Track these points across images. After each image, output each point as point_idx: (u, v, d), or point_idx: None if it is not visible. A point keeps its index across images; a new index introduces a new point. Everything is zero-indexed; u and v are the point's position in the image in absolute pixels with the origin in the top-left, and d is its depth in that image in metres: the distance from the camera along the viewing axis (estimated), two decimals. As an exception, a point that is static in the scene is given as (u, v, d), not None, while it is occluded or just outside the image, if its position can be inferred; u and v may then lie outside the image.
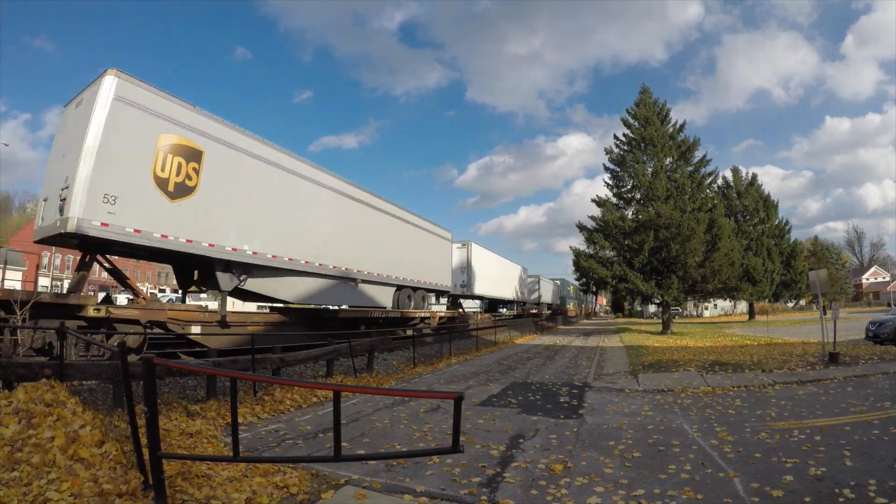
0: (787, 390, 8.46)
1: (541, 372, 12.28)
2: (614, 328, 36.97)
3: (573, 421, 6.62)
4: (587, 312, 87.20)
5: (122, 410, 5.17)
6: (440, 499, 3.84)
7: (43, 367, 5.43)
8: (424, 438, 5.70)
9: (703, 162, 29.09)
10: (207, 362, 7.86)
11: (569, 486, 4.07)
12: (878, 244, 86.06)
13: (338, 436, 2.88)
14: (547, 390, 9.26)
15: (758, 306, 44.44)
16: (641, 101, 29.69)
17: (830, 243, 71.77)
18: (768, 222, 41.48)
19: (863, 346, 14.72)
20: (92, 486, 3.35)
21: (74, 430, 4.07)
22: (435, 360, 14.38)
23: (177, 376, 8.69)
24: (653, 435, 5.72)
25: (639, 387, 9.40)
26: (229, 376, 3.38)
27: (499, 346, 20.75)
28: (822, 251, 62.10)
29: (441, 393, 3.79)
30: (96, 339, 7.73)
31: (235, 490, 3.69)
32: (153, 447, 3.15)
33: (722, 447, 5.11)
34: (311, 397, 7.90)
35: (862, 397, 7.45)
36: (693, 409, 7.22)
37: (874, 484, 3.85)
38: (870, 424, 5.75)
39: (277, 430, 6.01)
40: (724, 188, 41.67)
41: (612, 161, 29.86)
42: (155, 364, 3.23)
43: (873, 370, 9.91)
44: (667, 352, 15.52)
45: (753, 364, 11.43)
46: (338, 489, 3.92)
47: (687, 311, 66.42)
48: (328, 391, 7.82)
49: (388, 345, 15.05)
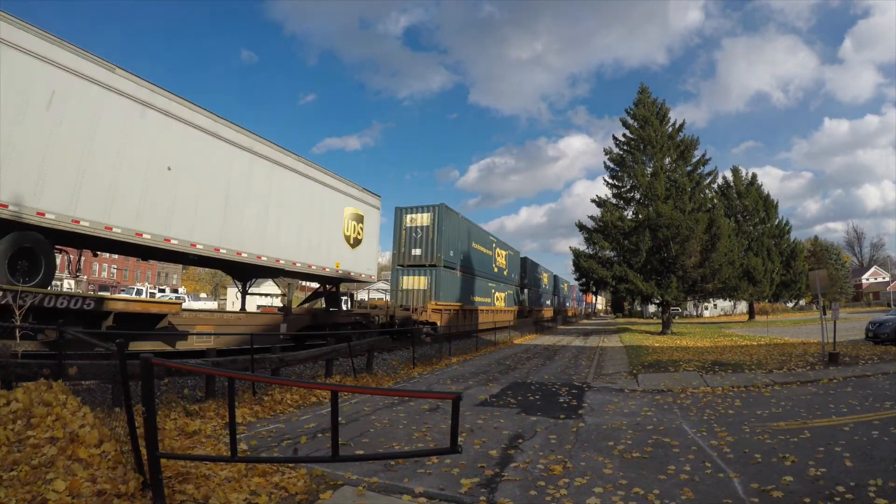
0: (786, 390, 8.45)
1: (540, 372, 12.27)
2: (614, 328, 36.96)
3: (573, 421, 6.61)
4: (586, 313, 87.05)
5: (120, 410, 5.16)
6: (439, 499, 3.83)
7: (42, 367, 5.43)
8: (423, 439, 5.69)
9: (701, 161, 29.11)
10: (206, 362, 7.86)
11: (568, 487, 4.07)
12: (878, 244, 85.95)
13: (336, 436, 2.88)
14: (546, 390, 9.25)
15: (758, 306, 44.44)
16: (640, 102, 29.67)
17: (830, 243, 71.69)
18: (768, 222, 41.45)
19: (863, 346, 14.71)
20: (90, 486, 3.35)
21: (73, 430, 4.06)
22: (434, 360, 14.37)
23: (176, 376, 8.70)
24: (652, 435, 5.71)
25: (638, 387, 9.39)
26: (227, 376, 3.38)
27: (499, 346, 20.77)
28: (823, 251, 62.11)
29: (439, 393, 3.78)
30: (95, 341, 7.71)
31: (234, 490, 3.68)
32: (151, 447, 3.14)
33: (721, 447, 5.10)
34: (311, 397, 7.90)
35: (862, 397, 7.44)
36: (693, 409, 7.22)
37: (874, 484, 3.84)
38: (870, 425, 5.74)
39: (276, 430, 6.00)
40: (725, 188, 41.65)
41: (611, 161, 29.86)
42: (153, 364, 3.22)
43: (873, 370, 9.91)
44: (666, 352, 15.51)
45: (753, 364, 11.42)
46: (336, 489, 3.91)
47: (687, 312, 66.43)
48: (327, 391, 7.82)
49: (388, 345, 15.03)
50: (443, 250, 21.72)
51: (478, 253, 27.63)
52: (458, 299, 23.55)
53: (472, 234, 26.44)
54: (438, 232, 21.71)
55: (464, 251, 25.10)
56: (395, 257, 22.96)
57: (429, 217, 21.99)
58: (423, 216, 22.16)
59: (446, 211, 22.55)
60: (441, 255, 21.64)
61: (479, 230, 28.63)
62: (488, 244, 30.27)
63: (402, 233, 22.31)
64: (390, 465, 4.59)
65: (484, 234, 29.75)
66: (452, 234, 23.07)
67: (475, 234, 27.37)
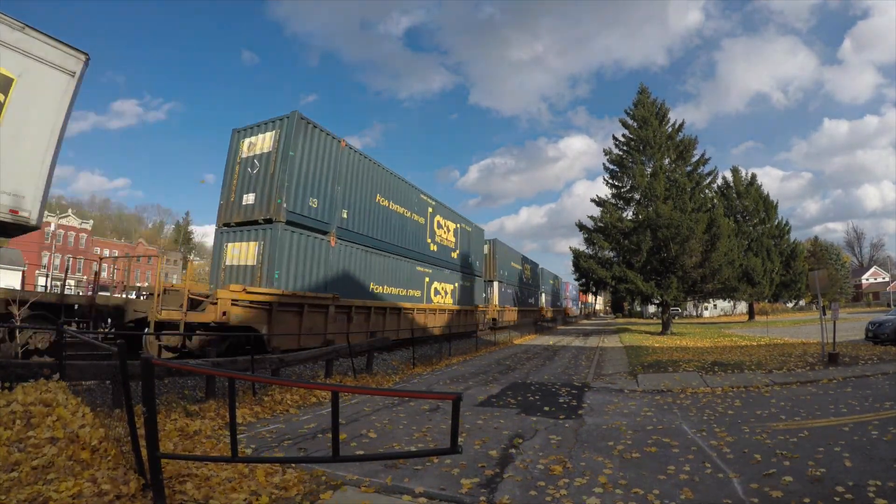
0: (786, 391, 8.46)
1: (540, 372, 12.28)
2: (614, 328, 36.97)
3: (572, 421, 6.62)
4: (586, 313, 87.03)
5: (121, 411, 5.17)
6: (439, 499, 3.83)
7: (42, 367, 5.43)
8: (424, 439, 5.70)
9: (701, 161, 29.10)
10: (206, 362, 7.86)
11: (568, 487, 4.07)
12: (877, 244, 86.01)
13: (336, 436, 2.88)
14: (546, 391, 9.26)
15: (757, 306, 44.42)
16: (640, 102, 29.68)
17: (830, 244, 71.72)
18: (768, 222, 41.44)
19: (863, 346, 14.71)
20: (91, 486, 3.35)
21: (74, 431, 4.07)
22: (434, 360, 14.39)
23: (176, 376, 8.70)
24: (652, 435, 5.72)
25: (638, 387, 9.40)
26: (228, 377, 3.38)
27: (499, 346, 20.77)
28: (823, 251, 62.11)
29: (440, 393, 3.79)
30: (95, 340, 7.72)
31: (234, 490, 3.69)
32: (152, 447, 3.15)
33: (721, 447, 5.11)
34: (311, 397, 7.90)
35: (861, 398, 7.44)
36: (692, 409, 7.22)
37: (873, 484, 3.85)
38: (869, 425, 5.75)
39: (276, 430, 6.00)
40: (724, 188, 41.64)
41: (611, 162, 29.87)
42: (153, 364, 3.23)
43: (873, 370, 9.91)
44: (666, 352, 15.51)
45: (753, 364, 11.43)
46: (336, 489, 3.91)
47: (686, 312, 66.47)
48: (327, 391, 7.82)
49: (388, 344, 14.98)
50: (290, 194, 12.34)
51: (391, 215, 17.43)
52: (323, 285, 13.36)
53: (376, 181, 16.49)
54: (283, 161, 12.30)
55: (352, 204, 15.00)
56: (221, 211, 13.26)
57: (272, 139, 12.77)
58: (264, 139, 12.95)
59: (304, 127, 12.84)
60: (284, 204, 12.14)
61: (395, 180, 17.87)
62: (418, 207, 19.67)
63: (236, 170, 13.24)
64: (390, 465, 4.59)
65: (407, 188, 18.92)
66: (317, 167, 13.42)
67: (385, 183, 17.07)
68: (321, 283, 13.36)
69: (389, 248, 17.27)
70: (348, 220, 14.80)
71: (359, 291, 15.11)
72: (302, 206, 12.79)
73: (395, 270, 17.60)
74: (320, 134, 13.59)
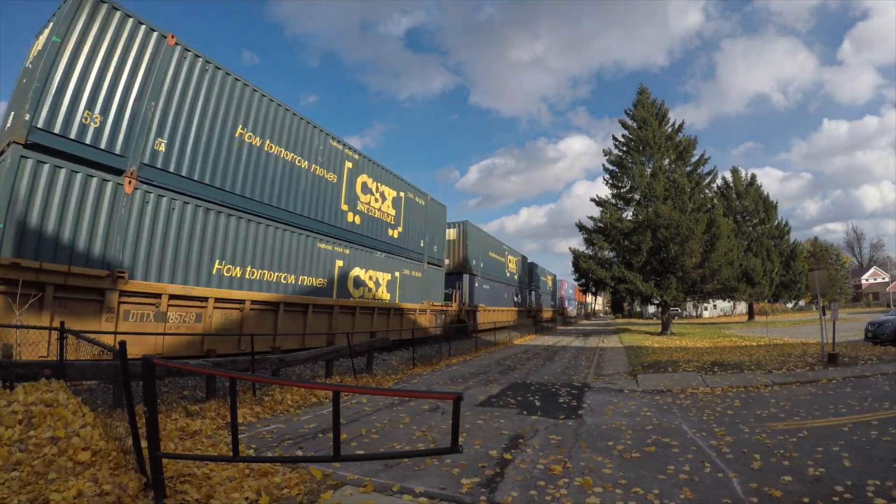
0: (786, 391, 8.46)
1: (540, 372, 12.29)
2: (614, 329, 36.96)
3: (572, 421, 6.63)
4: (586, 314, 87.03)
5: (122, 411, 5.18)
6: (440, 499, 3.84)
7: (43, 367, 5.43)
8: (424, 438, 5.71)
9: (701, 161, 29.10)
10: (207, 363, 7.87)
11: (568, 487, 4.08)
12: (877, 245, 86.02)
13: (337, 436, 2.89)
14: (546, 391, 9.26)
15: (757, 307, 44.44)
16: (639, 102, 29.69)
17: (830, 244, 71.64)
18: (768, 223, 41.46)
19: (862, 346, 14.72)
20: (92, 486, 3.36)
21: (75, 431, 4.08)
22: (434, 360, 14.40)
23: (176, 376, 8.71)
24: (652, 435, 5.72)
25: (638, 387, 9.41)
26: (228, 377, 3.39)
27: (499, 346, 20.78)
28: (822, 252, 62.07)
29: (440, 393, 3.79)
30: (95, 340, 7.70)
31: (235, 490, 3.70)
32: (153, 447, 3.16)
33: (721, 447, 5.11)
34: (311, 397, 7.91)
35: (861, 398, 7.45)
36: (692, 409, 7.23)
37: (872, 484, 3.86)
38: (868, 425, 5.75)
39: (277, 430, 6.01)
40: (724, 189, 41.66)
41: (611, 162, 29.86)
42: (154, 364, 3.23)
43: (872, 371, 9.91)
44: (666, 352, 15.52)
45: (752, 365, 11.43)
46: (337, 489, 3.92)
47: (686, 312, 66.46)
48: (327, 391, 7.83)
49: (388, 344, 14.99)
50: (45, 102, 7.51)
51: (267, 160, 11.70)
52: (102, 256, 8.06)
53: (240, 107, 11.04)
54: (48, 53, 7.71)
55: (183, 133, 9.72)
56: None
57: (51, 29, 8.14)
58: (48, 31, 8.26)
59: (97, 9, 8.25)
60: (27, 115, 7.27)
61: (280, 111, 12.20)
62: (326, 157, 13.83)
63: None
64: (391, 464, 4.60)
65: (307, 127, 13.08)
66: (116, 69, 8.57)
67: (258, 113, 11.51)
68: (99, 252, 8.00)
69: (260, 208, 11.31)
70: (168, 155, 9.31)
71: (186, 272, 9.39)
72: (67, 124, 7.78)
73: (271, 245, 11.53)
74: (127, 21, 8.82)
